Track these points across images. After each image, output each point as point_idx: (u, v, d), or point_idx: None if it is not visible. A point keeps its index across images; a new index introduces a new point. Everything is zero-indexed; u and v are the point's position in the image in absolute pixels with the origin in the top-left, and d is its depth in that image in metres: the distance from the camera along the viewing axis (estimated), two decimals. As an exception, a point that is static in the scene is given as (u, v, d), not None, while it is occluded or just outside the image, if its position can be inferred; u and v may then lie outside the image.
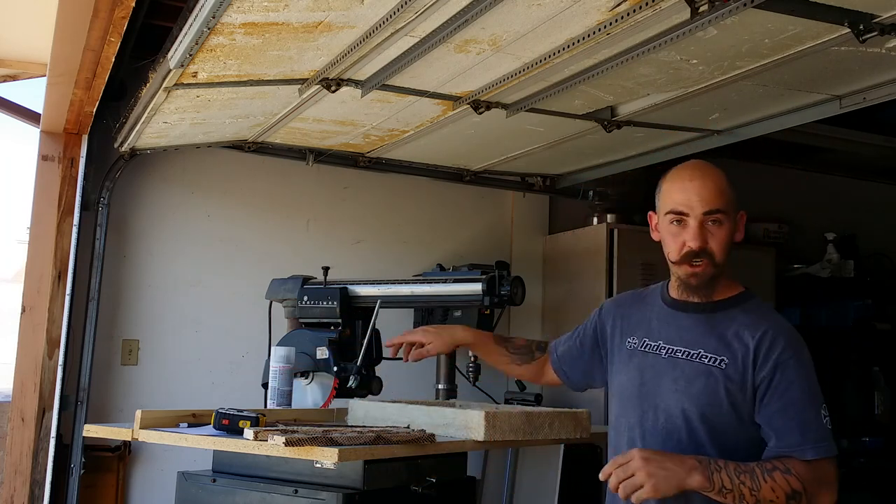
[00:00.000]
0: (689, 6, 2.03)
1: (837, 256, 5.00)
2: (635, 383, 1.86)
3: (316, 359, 3.03)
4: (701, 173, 1.82)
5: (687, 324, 1.83)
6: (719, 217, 1.77)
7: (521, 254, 4.54)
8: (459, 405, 2.73)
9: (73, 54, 2.69)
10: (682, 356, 1.79)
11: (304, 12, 2.13)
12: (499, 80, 2.73)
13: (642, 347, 1.87)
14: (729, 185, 1.80)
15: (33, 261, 3.60)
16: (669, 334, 1.84)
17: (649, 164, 3.88)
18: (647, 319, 1.91)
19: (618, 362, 1.94)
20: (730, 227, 1.78)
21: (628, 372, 1.89)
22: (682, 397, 1.76)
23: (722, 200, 1.77)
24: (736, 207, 1.80)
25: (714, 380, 1.73)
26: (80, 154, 3.68)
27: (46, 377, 3.52)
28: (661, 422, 1.78)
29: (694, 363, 1.77)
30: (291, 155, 3.94)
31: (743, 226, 1.81)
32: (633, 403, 1.85)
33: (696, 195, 1.78)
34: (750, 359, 1.72)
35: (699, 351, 1.77)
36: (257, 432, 1.99)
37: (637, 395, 1.84)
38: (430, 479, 2.31)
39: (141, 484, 3.71)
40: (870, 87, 2.74)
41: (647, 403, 1.82)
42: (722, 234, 1.77)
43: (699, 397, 1.74)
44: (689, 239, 1.78)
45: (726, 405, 1.72)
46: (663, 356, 1.82)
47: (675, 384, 1.78)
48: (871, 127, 4.21)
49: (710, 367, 1.74)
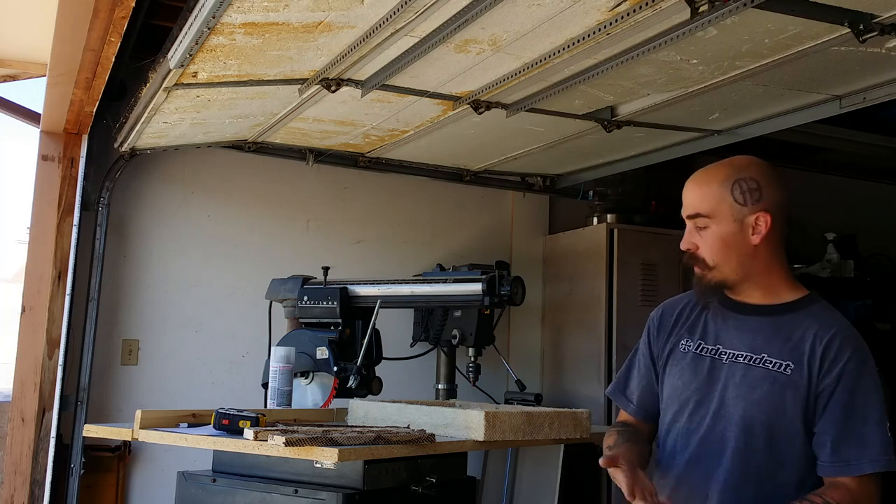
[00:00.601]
0: (689, 6, 2.03)
1: (837, 256, 5.00)
2: (691, 388, 1.77)
3: (316, 359, 3.03)
4: (693, 177, 1.78)
5: (749, 327, 1.74)
6: (700, 221, 1.74)
7: (521, 254, 4.55)
8: (459, 405, 2.74)
9: (73, 54, 2.69)
10: (743, 360, 1.71)
11: (304, 12, 2.13)
12: (499, 80, 2.73)
13: (698, 350, 1.78)
14: (727, 186, 1.71)
15: (33, 261, 3.60)
16: (727, 337, 1.75)
17: (649, 164, 3.88)
18: (700, 322, 1.82)
19: (671, 365, 1.83)
20: (722, 230, 1.71)
21: (682, 375, 1.79)
22: (743, 403, 1.68)
23: (705, 204, 1.72)
24: (738, 210, 1.70)
25: (779, 386, 1.65)
26: (80, 154, 3.68)
27: (46, 377, 3.52)
28: (718, 428, 1.70)
29: (756, 368, 1.68)
30: (291, 155, 3.94)
31: (763, 228, 1.70)
32: (690, 410, 1.76)
33: (684, 199, 1.77)
34: (815, 365, 1.64)
35: (763, 355, 1.69)
36: (257, 432, 1.99)
37: (692, 399, 1.76)
38: (430, 479, 2.30)
39: (141, 484, 3.71)
40: (870, 87, 2.74)
41: (704, 410, 1.73)
42: (707, 238, 1.73)
43: (761, 403, 1.66)
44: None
45: (790, 413, 1.64)
46: (723, 361, 1.73)
47: (735, 390, 1.70)
48: (871, 127, 4.21)
49: (775, 373, 1.66)
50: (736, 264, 1.72)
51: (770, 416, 1.64)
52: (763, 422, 1.65)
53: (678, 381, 1.79)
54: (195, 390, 3.80)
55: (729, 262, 1.72)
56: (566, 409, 2.40)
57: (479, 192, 4.49)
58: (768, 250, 1.73)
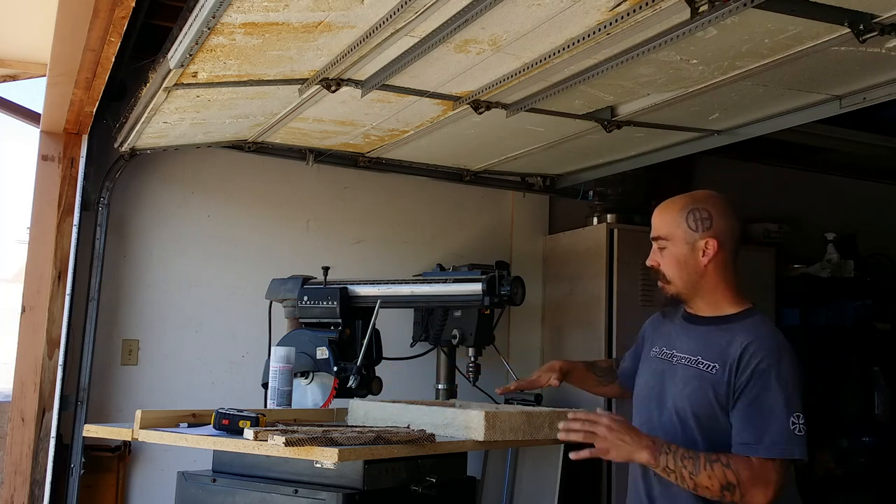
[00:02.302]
0: (689, 6, 2.03)
1: (837, 256, 5.00)
2: (649, 386, 2.11)
3: (316, 359, 3.03)
4: (659, 205, 2.10)
5: (695, 334, 2.05)
6: (661, 242, 2.06)
7: (521, 254, 4.55)
8: (459, 405, 2.73)
9: (73, 54, 2.69)
10: (685, 362, 2.02)
11: (304, 12, 2.13)
12: (499, 80, 2.73)
13: (659, 354, 2.12)
14: (683, 214, 2.02)
15: (33, 261, 3.60)
16: (680, 343, 2.08)
17: (649, 164, 3.88)
18: (668, 331, 2.15)
19: (641, 367, 2.20)
20: (676, 251, 2.03)
21: (644, 376, 2.16)
22: (678, 397, 2.00)
23: (664, 228, 2.05)
24: (690, 235, 2.01)
25: (705, 383, 1.95)
26: (80, 154, 3.68)
27: (46, 377, 3.52)
28: (663, 419, 2.02)
29: (692, 368, 2.00)
30: (291, 155, 3.94)
31: (710, 251, 1.99)
32: (644, 404, 2.11)
33: (652, 223, 2.10)
34: (734, 366, 1.91)
35: (698, 357, 1.99)
36: (257, 432, 1.99)
37: (648, 396, 2.10)
38: (430, 479, 2.30)
39: (141, 484, 3.71)
40: (870, 87, 2.74)
41: (653, 403, 2.07)
42: (666, 257, 2.05)
43: (691, 397, 1.97)
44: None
45: (713, 405, 1.93)
46: (673, 362, 2.06)
47: (674, 386, 2.02)
48: (871, 127, 4.21)
49: (703, 372, 1.97)
50: (687, 280, 2.03)
51: (697, 408, 1.95)
52: (693, 413, 1.95)
53: (642, 380, 2.17)
54: (195, 390, 3.80)
55: (682, 279, 2.04)
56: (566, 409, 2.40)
57: (479, 192, 4.49)
58: (716, 270, 2.02)
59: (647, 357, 2.18)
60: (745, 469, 1.83)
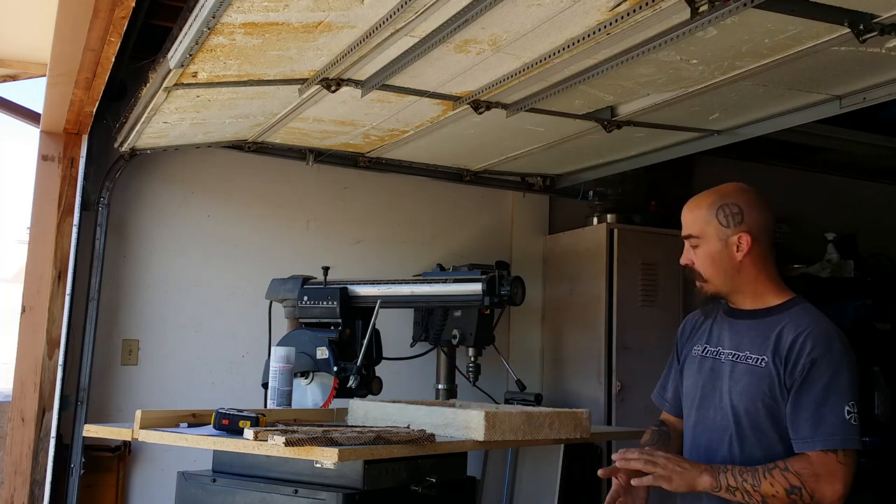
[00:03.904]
0: (689, 6, 2.03)
1: (837, 256, 4.99)
2: (698, 386, 2.04)
3: (316, 359, 3.03)
4: (687, 203, 2.05)
5: (740, 329, 2.00)
6: (692, 241, 2.01)
7: (521, 254, 4.54)
8: (459, 405, 2.73)
9: (73, 54, 2.69)
10: (733, 358, 1.97)
11: (304, 12, 2.13)
12: (499, 80, 2.73)
13: (704, 353, 2.06)
14: (711, 211, 1.98)
15: (33, 261, 3.60)
16: (724, 339, 2.02)
17: (649, 164, 3.88)
18: (708, 328, 2.10)
19: (686, 369, 2.13)
20: (710, 249, 1.98)
21: (692, 376, 2.08)
22: (731, 394, 1.94)
23: (695, 227, 2.01)
24: (722, 231, 1.96)
25: (756, 377, 1.90)
26: (80, 154, 3.67)
27: (46, 377, 3.52)
28: (716, 418, 1.97)
29: (740, 364, 1.95)
30: (291, 155, 3.94)
31: (745, 246, 1.95)
32: (697, 404, 2.04)
33: (682, 221, 2.05)
34: (784, 358, 1.87)
35: (746, 352, 1.95)
36: (257, 432, 1.99)
37: (700, 395, 2.03)
38: (430, 479, 2.30)
39: (141, 484, 3.71)
40: (870, 87, 2.74)
41: (707, 402, 2.00)
42: (699, 255, 2.00)
43: (743, 394, 1.92)
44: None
45: (767, 400, 1.88)
46: (721, 360, 2.00)
47: (725, 384, 1.97)
48: (871, 127, 4.21)
49: (753, 367, 1.92)
50: (724, 277, 1.98)
51: (750, 404, 1.90)
52: (745, 409, 1.91)
53: (689, 381, 2.09)
54: (195, 390, 3.80)
55: (718, 276, 1.99)
56: (566, 409, 2.40)
57: (479, 192, 4.49)
58: (753, 264, 1.97)
59: (690, 357, 2.11)
60: (806, 468, 1.78)
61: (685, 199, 2.10)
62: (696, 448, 2.01)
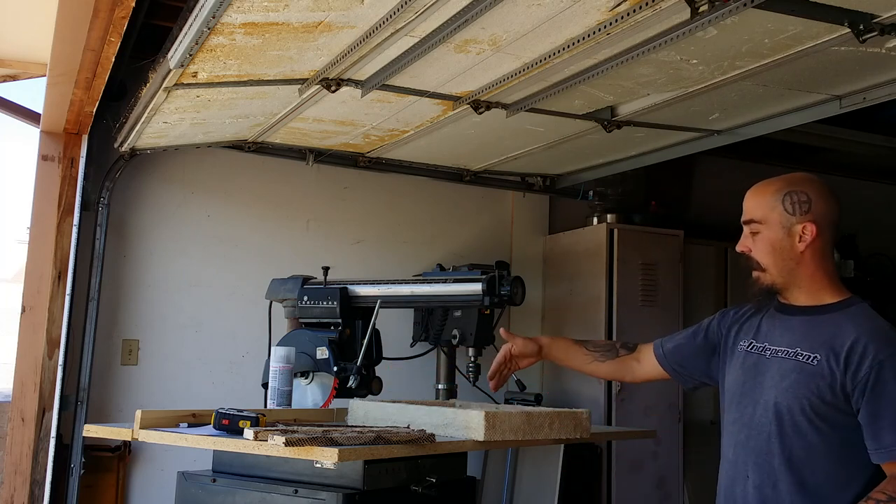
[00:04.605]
0: (689, 6, 2.03)
1: (837, 256, 4.99)
2: (739, 382, 1.97)
3: (316, 359, 3.03)
4: (752, 187, 1.96)
5: (791, 325, 1.92)
6: (754, 227, 1.92)
7: (521, 254, 4.54)
8: (459, 405, 2.73)
9: (73, 54, 2.69)
10: (781, 354, 1.89)
11: (304, 12, 2.13)
12: (499, 80, 2.73)
13: (749, 348, 1.98)
14: (778, 196, 1.89)
15: (33, 261, 3.60)
16: (774, 335, 1.94)
17: (649, 164, 3.88)
18: (757, 323, 2.01)
19: (729, 364, 2.05)
20: (771, 236, 1.89)
21: (734, 372, 2.00)
22: (775, 391, 1.86)
23: (758, 212, 1.91)
24: (787, 218, 1.87)
25: (805, 375, 1.81)
26: (80, 154, 3.68)
27: (46, 377, 3.52)
28: (757, 415, 1.88)
29: (789, 360, 1.86)
30: (291, 155, 3.94)
31: (808, 237, 1.86)
32: (737, 400, 1.96)
33: (744, 206, 1.96)
34: (842, 360, 1.78)
35: (797, 349, 1.86)
36: (257, 432, 1.99)
37: (741, 392, 1.96)
38: (430, 479, 2.30)
39: (141, 484, 3.71)
40: (870, 87, 2.74)
41: (747, 399, 1.93)
42: (759, 242, 1.91)
43: (789, 391, 1.83)
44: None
45: (816, 398, 1.79)
46: (767, 356, 1.92)
47: (770, 380, 1.89)
48: (871, 127, 4.21)
49: (803, 364, 1.83)
50: (782, 268, 1.90)
51: (796, 401, 1.81)
52: (789, 407, 1.82)
53: (731, 376, 2.01)
54: (195, 390, 3.80)
55: (776, 266, 1.90)
56: (566, 409, 2.40)
57: (479, 192, 4.49)
58: (813, 257, 1.88)
59: (734, 352, 2.04)
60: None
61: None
62: (734, 445, 1.93)
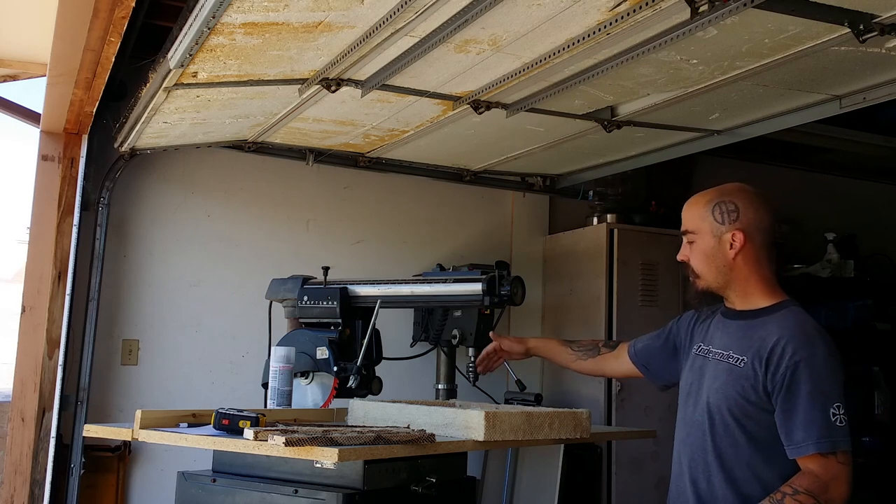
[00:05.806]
0: (689, 6, 2.03)
1: (837, 256, 4.99)
2: (688, 382, 2.13)
3: (316, 359, 3.03)
4: (688, 200, 2.11)
5: (729, 329, 2.06)
6: (689, 237, 2.07)
7: (521, 254, 4.54)
8: (459, 405, 2.73)
9: (73, 54, 2.69)
10: (717, 357, 2.03)
11: (304, 12, 2.13)
12: (499, 80, 2.73)
13: (698, 351, 2.12)
14: (708, 208, 2.03)
15: (33, 261, 3.60)
16: (715, 339, 2.08)
17: (649, 164, 3.88)
18: (707, 327, 2.15)
19: (684, 365, 2.20)
20: (704, 245, 2.03)
21: (685, 373, 2.16)
22: (708, 392, 2.01)
23: (691, 223, 2.06)
24: (717, 228, 2.01)
25: (734, 376, 1.95)
26: (80, 154, 3.68)
27: (46, 377, 3.52)
28: (696, 414, 2.03)
29: (723, 363, 2.00)
30: (291, 155, 3.94)
31: (738, 244, 1.99)
32: (684, 400, 2.13)
33: (682, 217, 2.11)
34: (763, 360, 1.90)
35: (729, 352, 2.00)
36: (257, 432, 1.99)
37: (687, 392, 2.12)
38: (430, 479, 2.30)
39: (141, 484, 3.71)
40: (870, 87, 2.74)
41: (691, 399, 2.08)
42: (695, 251, 2.06)
43: (719, 392, 1.97)
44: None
45: (743, 399, 1.92)
46: (708, 358, 2.06)
47: (707, 381, 2.03)
48: (871, 127, 4.21)
49: (732, 366, 1.97)
50: (716, 274, 2.03)
51: (725, 402, 1.95)
52: (718, 407, 1.96)
53: (683, 378, 2.17)
54: (195, 390, 3.80)
55: (710, 272, 2.04)
56: (566, 409, 2.40)
57: (479, 192, 4.49)
58: (746, 263, 2.02)
59: (689, 355, 2.18)
60: (812, 483, 1.80)
61: (685, 200, 2.12)
62: (679, 442, 2.09)
